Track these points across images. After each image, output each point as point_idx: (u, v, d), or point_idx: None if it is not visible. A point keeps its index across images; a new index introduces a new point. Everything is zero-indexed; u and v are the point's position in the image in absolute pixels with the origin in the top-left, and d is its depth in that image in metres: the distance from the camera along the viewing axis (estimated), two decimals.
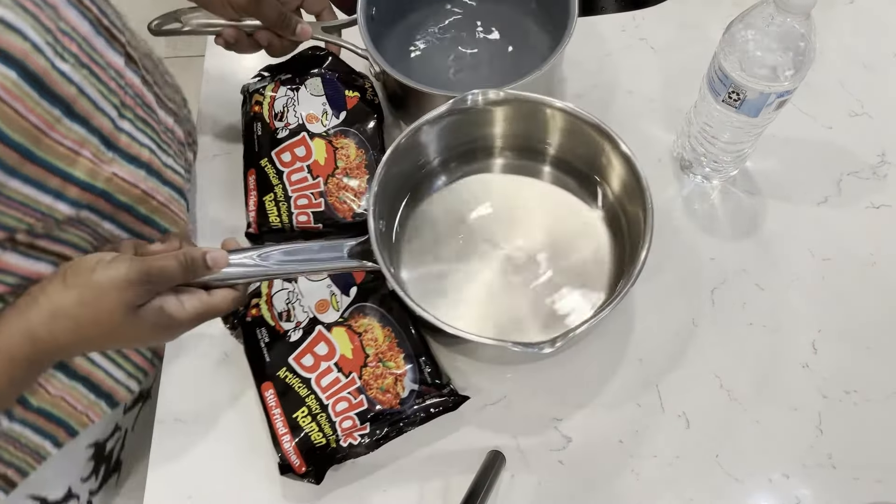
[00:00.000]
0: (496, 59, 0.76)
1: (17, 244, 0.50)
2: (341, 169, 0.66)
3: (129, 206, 0.57)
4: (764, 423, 0.61)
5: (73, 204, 0.51)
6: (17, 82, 0.43)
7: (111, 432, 0.67)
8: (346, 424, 0.57)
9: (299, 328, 0.61)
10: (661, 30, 0.79)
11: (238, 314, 0.62)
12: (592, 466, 0.60)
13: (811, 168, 0.72)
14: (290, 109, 0.69)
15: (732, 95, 0.59)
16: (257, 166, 0.68)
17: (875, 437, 0.60)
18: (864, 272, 0.67)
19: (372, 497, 0.59)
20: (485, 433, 0.61)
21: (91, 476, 0.66)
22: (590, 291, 0.63)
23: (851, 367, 0.63)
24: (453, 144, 0.67)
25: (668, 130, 0.74)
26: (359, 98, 0.69)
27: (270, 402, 0.58)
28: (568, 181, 0.68)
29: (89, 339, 0.48)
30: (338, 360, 0.59)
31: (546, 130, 0.66)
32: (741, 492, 0.59)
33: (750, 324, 0.65)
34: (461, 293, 0.64)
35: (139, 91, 0.58)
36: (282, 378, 0.59)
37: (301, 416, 0.57)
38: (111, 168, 0.53)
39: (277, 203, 0.66)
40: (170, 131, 0.64)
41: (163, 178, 0.60)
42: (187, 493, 0.59)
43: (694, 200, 0.71)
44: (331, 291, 0.62)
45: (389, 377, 0.58)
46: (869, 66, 0.76)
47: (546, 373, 0.63)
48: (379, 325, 0.60)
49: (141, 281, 0.47)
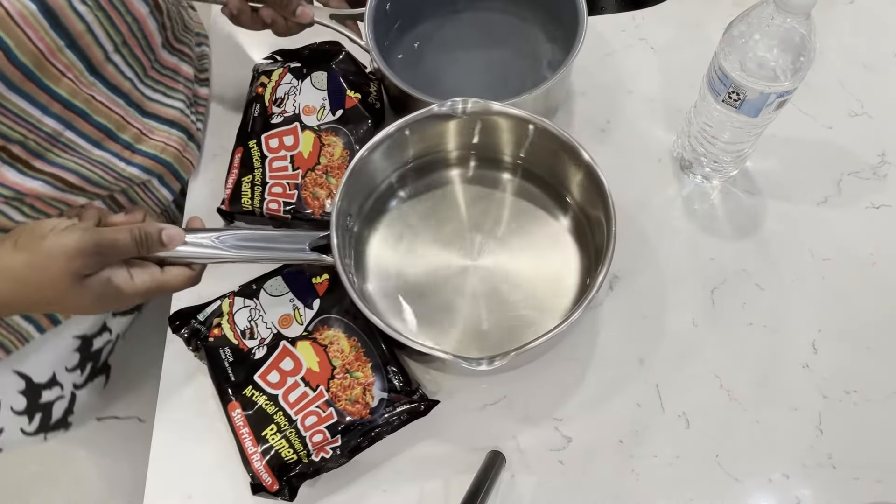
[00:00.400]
0: (502, 67, 0.75)
1: (15, 160, 0.54)
2: (323, 166, 0.66)
3: (109, 130, 0.59)
4: (764, 423, 0.61)
5: (57, 119, 0.55)
6: (35, 13, 0.48)
7: (99, 330, 0.69)
8: (316, 438, 0.56)
9: (263, 345, 0.60)
10: (661, 30, 0.79)
11: (200, 335, 0.61)
12: (592, 466, 0.60)
13: (811, 168, 0.72)
14: (290, 98, 0.69)
15: (732, 95, 0.59)
16: (245, 146, 0.68)
17: (875, 437, 0.60)
18: (864, 272, 0.67)
19: (372, 497, 0.59)
20: (485, 433, 0.61)
21: (76, 369, 0.68)
22: (555, 304, 0.63)
23: (851, 367, 0.63)
24: (429, 151, 0.67)
25: (668, 130, 0.74)
26: (359, 100, 0.69)
27: (238, 421, 0.58)
28: (535, 192, 0.67)
29: (32, 302, 0.51)
30: (304, 375, 0.59)
31: (519, 144, 0.65)
32: (741, 492, 0.59)
33: (750, 324, 0.65)
34: (427, 304, 0.63)
35: (150, 34, 0.60)
36: (248, 397, 0.58)
37: (270, 434, 0.57)
38: (90, 91, 0.56)
39: (253, 186, 0.66)
40: (170, 69, 0.66)
41: (142, 109, 0.62)
42: (187, 493, 0.60)
43: (694, 200, 0.71)
44: (294, 305, 0.62)
45: (358, 388, 0.58)
46: (869, 66, 0.76)
47: (546, 373, 0.63)
48: (344, 336, 0.60)
49: (91, 252, 0.48)
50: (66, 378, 0.68)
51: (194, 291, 0.59)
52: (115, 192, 0.63)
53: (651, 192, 0.71)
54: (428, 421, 0.61)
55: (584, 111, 0.74)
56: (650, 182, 0.71)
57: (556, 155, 0.63)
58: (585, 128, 0.74)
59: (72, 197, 0.59)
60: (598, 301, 0.66)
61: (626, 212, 0.70)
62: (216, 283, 0.63)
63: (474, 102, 0.61)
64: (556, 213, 0.66)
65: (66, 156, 0.57)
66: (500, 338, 0.62)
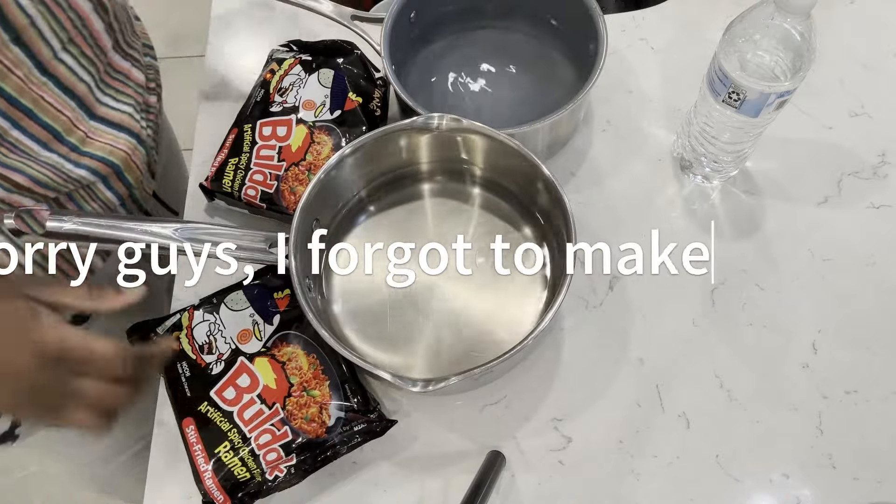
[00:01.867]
0: (519, 90, 0.75)
1: None
2: (307, 162, 0.66)
3: (57, 132, 0.58)
4: (764, 423, 0.61)
5: (3, 117, 0.54)
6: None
7: None
8: (270, 457, 0.55)
9: (221, 360, 0.59)
10: (661, 30, 0.79)
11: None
12: (592, 466, 0.60)
13: (811, 168, 0.72)
14: (294, 89, 0.69)
15: (732, 95, 0.59)
16: (240, 128, 0.68)
17: (875, 438, 0.60)
18: (864, 272, 0.67)
19: (372, 497, 0.59)
20: (485, 433, 0.61)
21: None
22: (523, 321, 0.62)
23: (851, 367, 0.63)
24: (401, 165, 0.66)
25: (668, 130, 0.74)
26: (359, 104, 0.68)
27: (191, 437, 0.57)
28: (504, 207, 0.67)
29: None
30: (261, 392, 0.57)
31: (490, 160, 0.65)
32: (741, 492, 0.59)
33: (750, 324, 0.65)
34: (391, 321, 0.63)
35: (96, 33, 0.60)
36: (203, 412, 0.57)
37: (223, 451, 0.56)
38: (40, 91, 0.56)
39: (237, 169, 0.67)
40: (122, 73, 0.65)
41: (93, 112, 0.62)
42: (187, 494, 0.59)
43: (694, 200, 0.71)
44: (254, 320, 0.61)
45: (314, 406, 0.57)
46: (869, 66, 0.76)
47: (546, 373, 0.63)
48: (303, 353, 0.59)
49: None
50: None
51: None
52: (62, 195, 0.62)
53: (651, 192, 0.71)
54: (428, 421, 0.61)
55: (585, 111, 0.74)
56: (650, 182, 0.71)
57: (523, 172, 0.62)
58: (585, 128, 0.74)
59: (19, 198, 0.58)
60: (597, 301, 0.66)
61: (625, 212, 0.70)
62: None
63: (455, 120, 0.60)
64: (524, 228, 0.66)
65: (14, 156, 0.56)
66: (461, 356, 0.61)
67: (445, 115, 0.60)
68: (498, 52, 0.77)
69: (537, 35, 0.76)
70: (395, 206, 0.68)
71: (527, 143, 0.60)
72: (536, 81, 0.75)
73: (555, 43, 0.76)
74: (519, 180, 0.64)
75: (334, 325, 0.63)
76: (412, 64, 0.75)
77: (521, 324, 0.62)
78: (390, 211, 0.68)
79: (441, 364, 0.61)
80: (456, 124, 0.60)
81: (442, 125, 0.60)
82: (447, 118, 0.60)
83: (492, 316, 0.63)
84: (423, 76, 0.75)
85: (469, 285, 0.64)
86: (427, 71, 0.76)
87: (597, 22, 0.67)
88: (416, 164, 0.67)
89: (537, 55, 0.76)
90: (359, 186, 0.66)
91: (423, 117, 0.60)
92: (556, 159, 0.72)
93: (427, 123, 0.61)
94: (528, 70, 0.76)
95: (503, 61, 0.76)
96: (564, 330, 0.65)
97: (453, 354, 0.62)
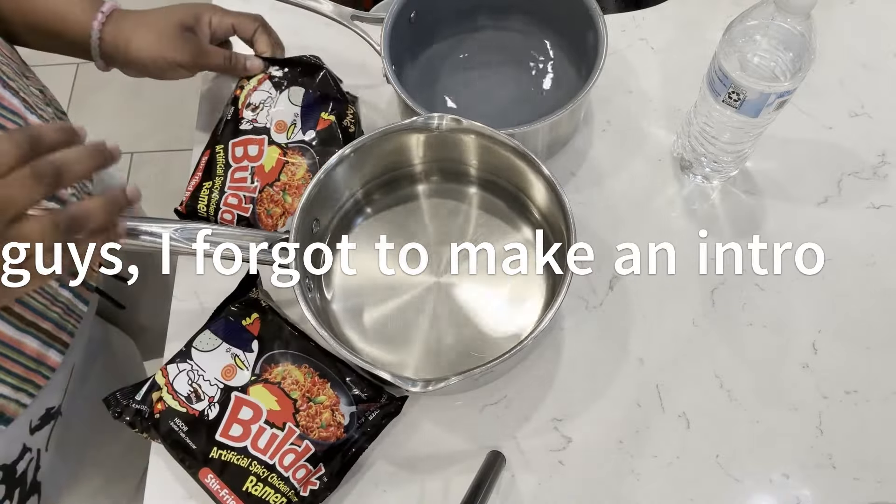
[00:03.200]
0: (519, 90, 0.75)
1: None
2: (282, 183, 0.65)
3: None
4: (764, 423, 0.61)
5: None
6: None
7: (19, 454, 0.61)
8: (299, 475, 0.56)
9: (214, 403, 0.58)
10: (661, 30, 0.79)
11: (143, 415, 0.59)
12: (592, 466, 0.60)
13: (811, 168, 0.72)
14: (264, 108, 0.68)
15: (732, 95, 0.59)
16: (213, 149, 0.68)
17: (875, 438, 0.60)
18: (864, 272, 0.67)
19: (372, 497, 0.59)
20: (485, 433, 0.61)
21: (5, 499, 0.61)
22: (522, 322, 0.62)
23: (851, 367, 0.63)
24: (398, 165, 0.66)
25: (668, 130, 0.74)
26: (332, 122, 0.67)
27: (213, 486, 0.56)
28: (502, 207, 0.67)
29: None
30: (267, 418, 0.57)
31: (486, 159, 0.65)
32: (741, 492, 0.59)
33: (750, 324, 0.65)
34: (391, 321, 0.63)
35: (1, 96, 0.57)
36: (216, 458, 0.56)
37: (251, 486, 0.55)
38: None
39: (211, 193, 0.66)
40: (13, 111, 0.60)
41: None
42: (187, 495, 0.59)
43: (694, 200, 0.71)
44: (232, 353, 0.60)
45: (325, 411, 0.57)
46: (869, 66, 0.76)
47: (546, 373, 0.63)
48: (295, 367, 0.59)
49: None
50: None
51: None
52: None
53: (651, 192, 0.71)
54: (428, 421, 0.61)
55: (584, 111, 0.74)
56: (650, 182, 0.71)
57: (523, 172, 0.62)
58: (585, 128, 0.74)
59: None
60: (597, 301, 0.66)
61: (625, 212, 0.70)
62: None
63: (456, 120, 0.60)
64: (524, 228, 0.66)
65: None
66: (460, 356, 0.61)
67: (445, 115, 0.60)
68: (498, 52, 0.77)
69: (537, 35, 0.76)
70: (394, 205, 0.68)
71: (527, 143, 0.60)
72: (536, 81, 0.75)
73: (555, 43, 0.76)
74: (519, 180, 0.64)
75: (334, 324, 0.63)
76: (412, 64, 0.75)
77: (521, 324, 0.62)
78: (390, 210, 0.68)
79: (441, 364, 0.61)
80: (456, 124, 0.60)
81: (442, 125, 0.60)
82: (447, 118, 0.60)
83: (492, 316, 0.63)
84: (423, 76, 0.75)
85: (469, 285, 0.64)
86: (427, 71, 0.76)
87: (597, 22, 0.67)
88: (415, 164, 0.67)
89: (537, 55, 0.76)
90: (358, 186, 0.66)
91: (423, 117, 0.60)
92: (556, 159, 0.72)
93: (427, 123, 0.61)
94: (528, 70, 0.76)
95: (503, 61, 0.76)
96: (564, 330, 0.65)
97: (453, 354, 0.62)
